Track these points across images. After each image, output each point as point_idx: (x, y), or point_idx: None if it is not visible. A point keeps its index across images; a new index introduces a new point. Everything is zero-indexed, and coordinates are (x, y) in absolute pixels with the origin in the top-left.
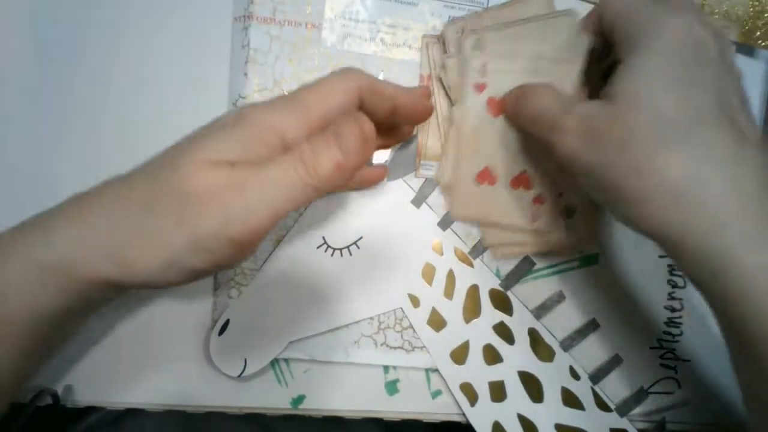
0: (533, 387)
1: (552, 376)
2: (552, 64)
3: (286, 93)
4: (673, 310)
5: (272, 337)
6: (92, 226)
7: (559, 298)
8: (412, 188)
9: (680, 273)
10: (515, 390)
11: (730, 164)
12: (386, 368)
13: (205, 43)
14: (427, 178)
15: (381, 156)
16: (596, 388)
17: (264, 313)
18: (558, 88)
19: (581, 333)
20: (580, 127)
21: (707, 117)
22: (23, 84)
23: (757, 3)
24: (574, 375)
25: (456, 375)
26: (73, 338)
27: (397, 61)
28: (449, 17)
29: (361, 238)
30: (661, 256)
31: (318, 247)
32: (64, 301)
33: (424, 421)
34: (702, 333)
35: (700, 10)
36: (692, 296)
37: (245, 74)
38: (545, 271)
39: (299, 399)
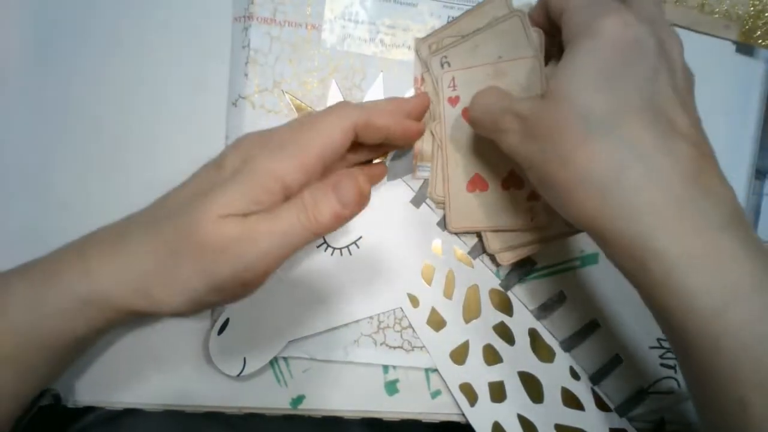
0: (533, 387)
1: (552, 376)
2: (512, 65)
3: (285, 93)
4: None
5: (272, 336)
6: (125, 266)
7: (559, 298)
8: (411, 188)
9: None
10: (515, 390)
11: (653, 156)
12: (386, 368)
13: (205, 44)
14: (426, 179)
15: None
16: (596, 388)
17: (263, 312)
18: (523, 85)
19: (581, 334)
20: (518, 125)
21: (631, 111)
22: (23, 84)
23: (757, 2)
24: (574, 375)
25: (456, 375)
26: None
27: (397, 61)
28: (448, 17)
29: (360, 237)
30: None
31: (318, 247)
32: (96, 326)
33: (424, 421)
34: None
35: (651, 4)
36: None
37: (245, 75)
38: (545, 271)
39: (299, 399)
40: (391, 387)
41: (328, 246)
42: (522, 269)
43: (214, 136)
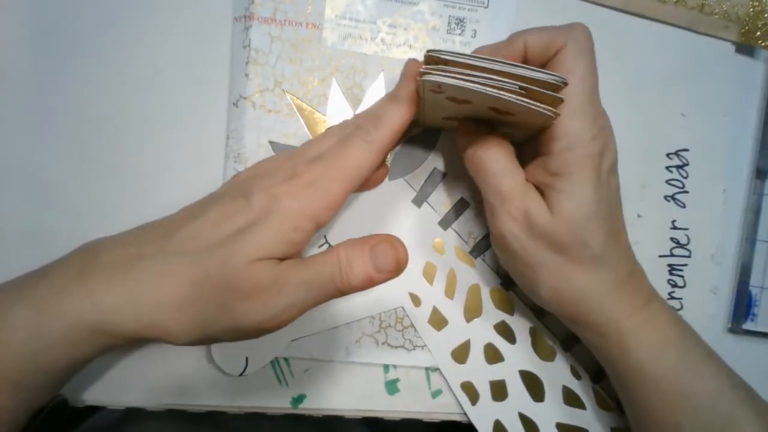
0: (534, 386)
1: (553, 375)
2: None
3: (287, 95)
4: None
5: (273, 335)
6: (136, 297)
7: None
8: (413, 188)
9: (680, 273)
10: (516, 389)
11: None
12: (386, 368)
13: (206, 44)
14: (427, 178)
15: None
16: (597, 387)
17: None
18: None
19: None
20: (523, 220)
21: (614, 241)
22: (23, 84)
23: (757, 3)
24: (576, 374)
25: (457, 374)
26: None
27: (398, 60)
28: (449, 16)
29: None
30: (660, 256)
31: (320, 247)
32: (101, 351)
33: (425, 420)
34: (701, 333)
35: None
36: (692, 297)
37: (246, 75)
38: None
39: (299, 398)
40: (392, 386)
41: (330, 246)
42: None
43: (215, 136)
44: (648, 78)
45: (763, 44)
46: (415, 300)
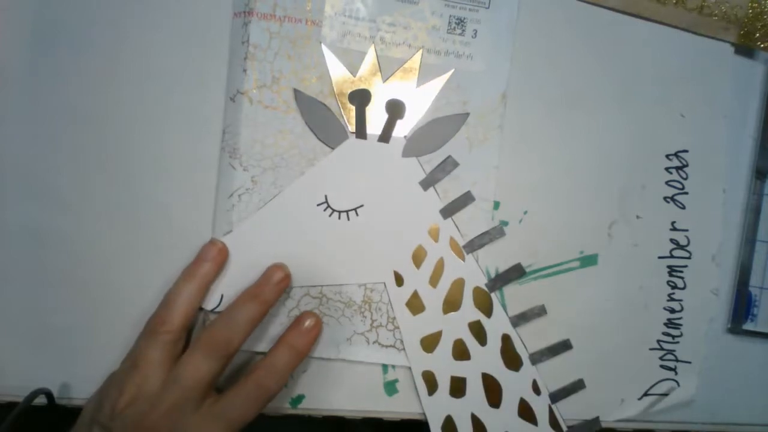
0: (493, 391)
1: (514, 385)
2: None
3: (283, 90)
4: (672, 311)
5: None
6: None
7: (540, 311)
8: (423, 169)
9: (680, 274)
10: (475, 390)
11: None
12: (385, 368)
13: (205, 39)
14: (440, 164)
15: (401, 129)
16: (554, 407)
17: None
18: None
19: (552, 350)
20: None
21: None
22: (23, 82)
23: (756, 5)
24: (536, 389)
25: (421, 361)
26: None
27: (397, 60)
28: (450, 16)
29: (362, 206)
30: (660, 257)
31: (318, 205)
32: None
33: (424, 421)
34: (701, 334)
35: None
36: (692, 298)
37: (244, 70)
38: (544, 273)
39: (298, 399)
40: (391, 387)
41: (329, 206)
42: (511, 274)
43: (212, 131)
44: (647, 79)
45: (762, 45)
46: (398, 279)
